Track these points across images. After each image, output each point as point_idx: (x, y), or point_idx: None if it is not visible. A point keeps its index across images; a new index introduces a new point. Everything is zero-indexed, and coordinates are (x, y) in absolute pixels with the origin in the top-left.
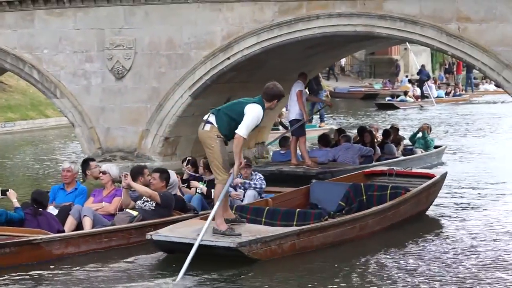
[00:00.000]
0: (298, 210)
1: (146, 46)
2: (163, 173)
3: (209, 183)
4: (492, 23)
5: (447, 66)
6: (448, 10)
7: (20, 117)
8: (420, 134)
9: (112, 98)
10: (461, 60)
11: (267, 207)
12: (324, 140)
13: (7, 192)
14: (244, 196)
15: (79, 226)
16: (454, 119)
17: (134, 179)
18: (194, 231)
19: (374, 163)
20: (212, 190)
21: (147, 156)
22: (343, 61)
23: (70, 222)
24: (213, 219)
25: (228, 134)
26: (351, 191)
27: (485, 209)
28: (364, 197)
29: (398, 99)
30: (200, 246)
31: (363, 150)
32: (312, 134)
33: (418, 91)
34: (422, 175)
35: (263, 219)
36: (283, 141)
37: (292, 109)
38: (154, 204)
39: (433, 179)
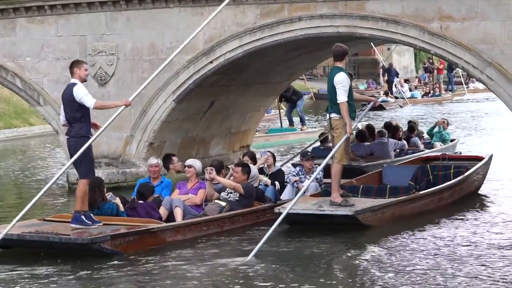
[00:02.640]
0: (389, 186)
1: (129, 52)
2: (245, 167)
3: (271, 176)
4: (474, 21)
5: (426, 66)
6: (430, 9)
7: (4, 126)
8: (436, 129)
9: None
10: (444, 59)
11: (361, 185)
12: (361, 136)
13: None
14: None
15: (169, 216)
16: (430, 118)
17: (217, 173)
18: (314, 205)
19: (405, 156)
20: (276, 182)
21: (132, 162)
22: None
23: (162, 212)
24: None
25: (352, 115)
26: (419, 172)
27: None
28: (431, 176)
29: (380, 99)
30: (321, 215)
31: (398, 144)
32: (293, 138)
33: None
34: (472, 158)
35: (359, 195)
36: (322, 140)
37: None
38: (238, 195)
39: (485, 160)
